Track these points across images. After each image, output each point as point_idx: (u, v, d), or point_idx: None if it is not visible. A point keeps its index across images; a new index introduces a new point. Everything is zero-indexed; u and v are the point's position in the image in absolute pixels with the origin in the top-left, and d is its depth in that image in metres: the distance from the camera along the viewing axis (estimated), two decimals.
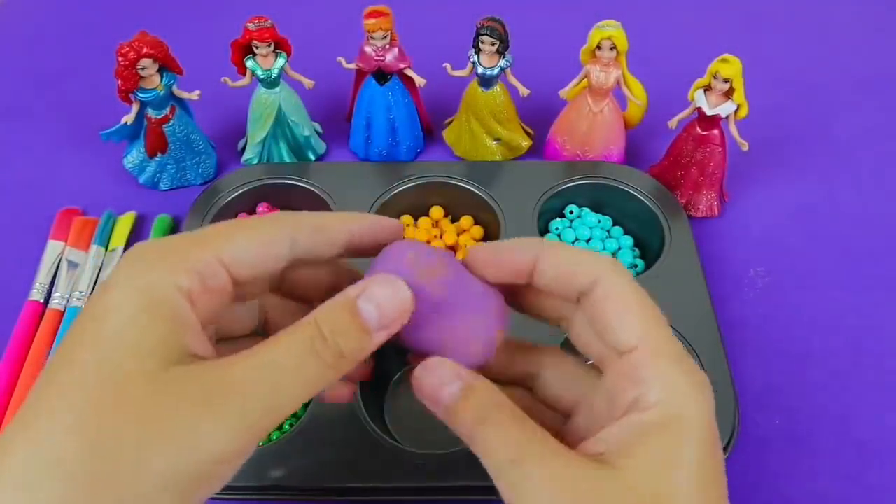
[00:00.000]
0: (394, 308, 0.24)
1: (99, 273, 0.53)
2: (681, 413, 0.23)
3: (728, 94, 0.52)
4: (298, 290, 0.29)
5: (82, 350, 0.22)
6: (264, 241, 0.25)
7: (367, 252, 0.28)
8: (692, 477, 0.22)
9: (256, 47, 0.54)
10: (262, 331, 0.30)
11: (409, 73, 0.57)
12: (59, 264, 0.53)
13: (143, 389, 0.21)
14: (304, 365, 0.23)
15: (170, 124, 0.56)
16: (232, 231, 0.25)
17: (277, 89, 0.57)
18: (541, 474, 0.23)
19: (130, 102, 0.54)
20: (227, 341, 0.28)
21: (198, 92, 0.56)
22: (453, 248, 0.55)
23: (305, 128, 0.60)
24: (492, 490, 0.36)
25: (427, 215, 0.57)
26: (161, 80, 0.54)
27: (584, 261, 0.26)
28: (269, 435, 0.46)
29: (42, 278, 0.52)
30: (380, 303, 0.24)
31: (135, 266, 0.23)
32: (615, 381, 0.25)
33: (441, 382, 0.25)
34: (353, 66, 0.58)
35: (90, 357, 0.21)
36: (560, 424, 0.28)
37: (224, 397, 0.22)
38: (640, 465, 0.22)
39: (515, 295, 0.28)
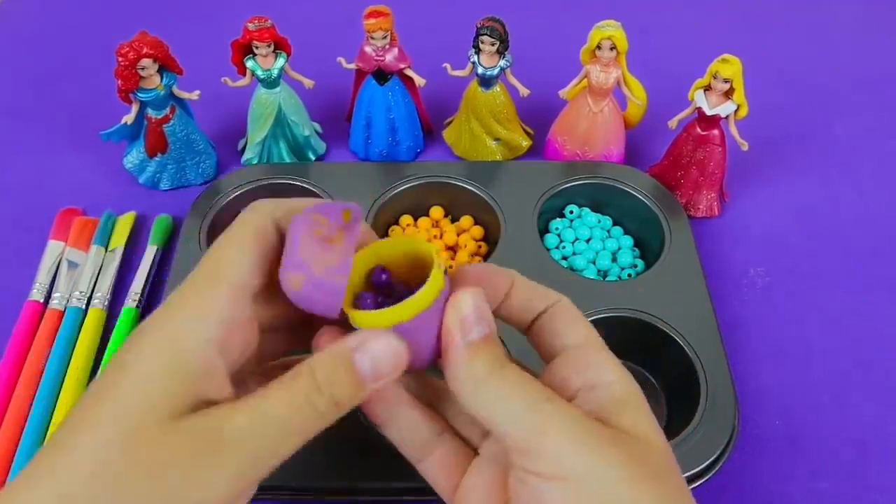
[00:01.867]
0: (389, 365, 0.26)
1: (99, 273, 0.53)
2: (634, 389, 0.27)
3: (728, 94, 0.52)
4: None
5: (103, 401, 0.23)
6: (260, 244, 0.26)
7: None
8: (661, 432, 0.27)
9: (256, 47, 0.54)
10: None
11: (409, 73, 0.57)
12: (59, 264, 0.53)
13: (151, 442, 0.23)
14: (299, 417, 0.24)
15: (170, 124, 0.56)
16: (232, 252, 0.26)
17: (277, 89, 0.57)
18: (562, 415, 0.24)
19: (130, 102, 0.54)
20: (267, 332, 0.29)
21: (198, 92, 0.56)
22: (453, 249, 0.55)
23: (305, 128, 0.60)
24: None
25: (427, 215, 0.57)
26: (161, 80, 0.54)
27: (544, 289, 0.30)
28: None
29: (42, 278, 0.52)
30: (375, 359, 0.25)
31: (169, 314, 0.25)
32: (564, 367, 0.28)
33: (471, 322, 0.26)
34: (353, 66, 0.58)
35: (109, 410, 0.23)
36: None
37: (222, 449, 0.23)
38: (632, 424, 0.26)
39: None
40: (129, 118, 0.55)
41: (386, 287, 0.27)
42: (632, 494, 0.23)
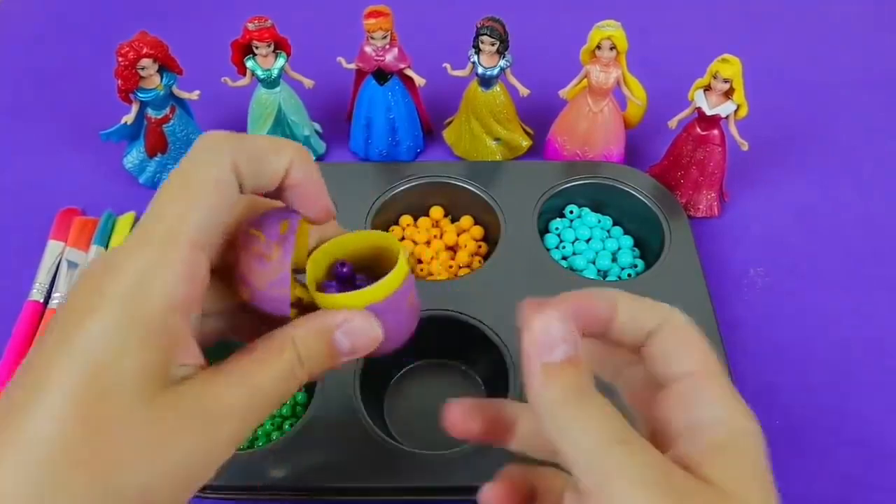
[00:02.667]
0: (365, 344, 0.26)
1: None
2: (742, 431, 0.24)
3: (728, 94, 0.52)
4: None
5: (69, 375, 0.21)
6: (218, 189, 0.24)
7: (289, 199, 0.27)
8: (765, 487, 0.24)
9: (256, 47, 0.54)
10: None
11: (409, 72, 0.57)
12: (59, 264, 0.53)
13: (135, 416, 0.22)
14: (284, 387, 0.25)
15: (170, 124, 0.56)
16: (189, 207, 0.24)
17: (277, 89, 0.57)
18: (633, 460, 0.22)
19: (130, 102, 0.54)
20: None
21: (198, 92, 0.56)
22: (453, 249, 0.55)
23: (305, 128, 0.60)
24: None
25: (427, 215, 0.57)
26: (161, 80, 0.54)
27: (652, 303, 0.26)
28: (270, 435, 0.46)
29: (42, 278, 0.52)
30: (355, 337, 0.26)
31: (126, 277, 0.23)
32: (669, 403, 0.25)
33: (547, 343, 0.24)
34: (353, 66, 0.58)
35: (80, 384, 0.21)
36: None
37: (218, 421, 0.23)
38: (724, 477, 0.23)
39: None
40: (128, 118, 0.55)
41: (347, 278, 0.29)
42: None
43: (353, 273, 0.29)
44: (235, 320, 0.29)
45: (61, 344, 0.22)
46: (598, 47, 0.53)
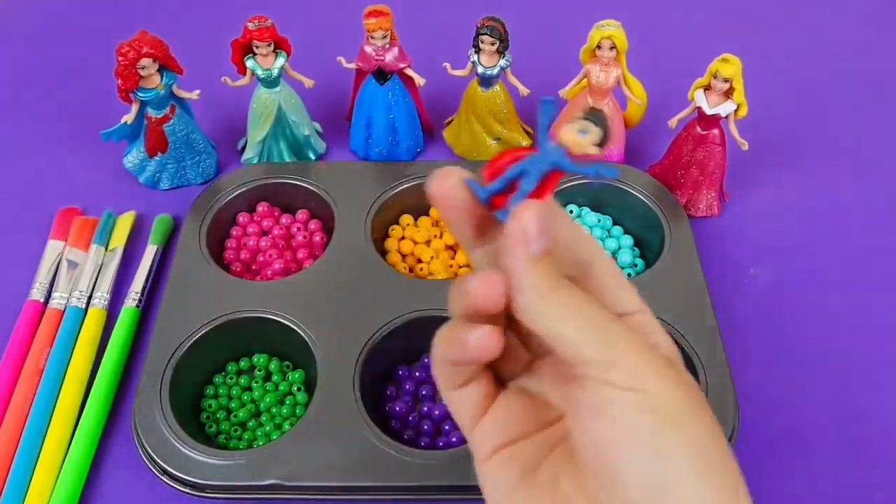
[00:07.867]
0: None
1: (99, 272, 0.53)
2: (677, 352, 0.28)
3: (728, 94, 0.52)
4: None
5: None
6: None
7: None
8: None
9: (256, 47, 0.54)
10: None
11: (410, 72, 0.57)
12: (59, 264, 0.53)
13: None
14: None
15: (170, 124, 0.56)
16: None
17: (277, 89, 0.57)
18: (631, 332, 0.25)
19: (130, 102, 0.54)
20: None
21: (198, 91, 0.56)
22: (453, 248, 0.55)
23: (305, 127, 0.60)
24: None
25: (427, 215, 0.57)
26: (161, 80, 0.54)
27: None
28: (269, 435, 0.46)
29: (42, 278, 0.52)
30: None
31: None
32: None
33: (533, 235, 0.25)
34: (353, 65, 0.58)
35: None
36: None
37: None
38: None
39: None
40: (129, 118, 0.55)
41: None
42: (691, 419, 0.25)
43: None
44: None
45: None
46: (598, 47, 0.54)
